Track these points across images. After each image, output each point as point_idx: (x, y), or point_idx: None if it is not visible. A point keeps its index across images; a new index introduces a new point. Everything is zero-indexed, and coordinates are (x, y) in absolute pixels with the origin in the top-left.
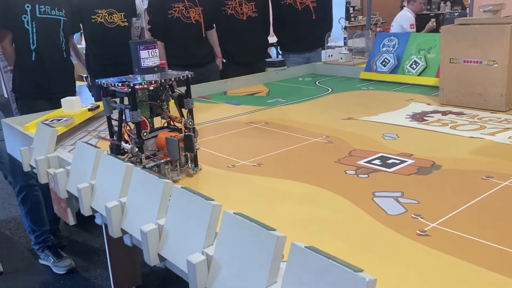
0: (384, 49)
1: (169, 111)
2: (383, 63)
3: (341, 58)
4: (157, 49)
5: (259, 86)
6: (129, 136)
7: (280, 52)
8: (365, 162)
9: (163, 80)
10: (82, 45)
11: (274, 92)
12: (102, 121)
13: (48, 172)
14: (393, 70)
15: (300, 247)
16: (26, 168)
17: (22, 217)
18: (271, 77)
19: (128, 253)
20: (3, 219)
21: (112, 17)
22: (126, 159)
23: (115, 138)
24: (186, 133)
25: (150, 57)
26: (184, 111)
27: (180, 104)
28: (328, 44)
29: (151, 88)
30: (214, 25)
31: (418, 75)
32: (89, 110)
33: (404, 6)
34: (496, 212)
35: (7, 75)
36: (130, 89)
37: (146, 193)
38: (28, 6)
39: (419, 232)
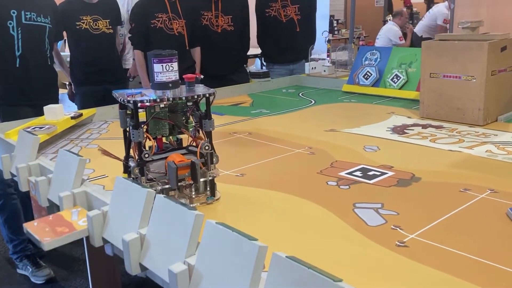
0: (367, 62)
1: (195, 131)
2: (365, 76)
3: (324, 71)
4: (175, 63)
5: (243, 96)
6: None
7: (264, 63)
8: (346, 174)
9: (171, 99)
10: (65, 52)
11: (258, 103)
12: (84, 129)
13: (29, 180)
14: (375, 83)
15: (281, 257)
16: (7, 176)
17: (0, 226)
18: (255, 88)
19: (108, 263)
20: None
21: (97, 24)
22: (131, 179)
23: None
24: (192, 160)
25: (165, 71)
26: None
27: (200, 125)
28: (312, 57)
29: (162, 105)
30: (199, 42)
31: (399, 89)
32: (72, 118)
33: (387, 20)
34: (473, 224)
35: None
36: (132, 105)
37: (128, 202)
38: (13, 12)
39: (398, 243)
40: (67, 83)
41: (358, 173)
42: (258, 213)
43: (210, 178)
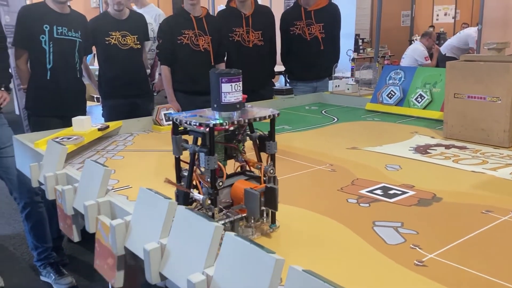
0: (391, 81)
1: (245, 153)
2: (389, 95)
3: (348, 89)
4: (241, 82)
5: None
6: (199, 182)
7: (288, 80)
8: (367, 192)
9: (246, 120)
10: (94, 66)
11: (280, 119)
12: (111, 141)
13: (56, 188)
14: (399, 103)
15: (297, 270)
16: (35, 184)
17: (26, 233)
18: (278, 105)
19: (129, 272)
20: (7, 234)
21: (126, 39)
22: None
23: (183, 183)
24: (268, 185)
25: (233, 91)
26: (264, 155)
27: (260, 147)
28: (335, 75)
29: (231, 128)
30: (224, 58)
31: (423, 109)
32: (99, 130)
33: (414, 40)
34: (494, 246)
35: (20, 93)
36: (208, 130)
37: (151, 213)
38: (46, 27)
39: (416, 262)
40: (95, 96)
41: (378, 192)
42: (276, 228)
43: (277, 203)
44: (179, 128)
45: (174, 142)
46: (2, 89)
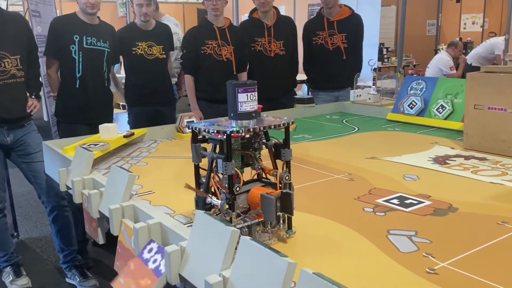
0: (412, 92)
1: (261, 161)
2: (410, 106)
3: (369, 99)
4: (256, 92)
5: None
6: (218, 188)
7: (310, 89)
8: (383, 201)
9: (261, 128)
10: (121, 75)
11: (301, 128)
12: (135, 147)
13: (83, 192)
14: (420, 113)
15: (308, 273)
16: (63, 188)
17: (52, 236)
18: (299, 114)
19: None
20: (35, 237)
21: (152, 49)
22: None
23: (202, 190)
24: (284, 191)
25: (249, 101)
26: (279, 163)
27: (275, 155)
28: (357, 84)
29: (247, 136)
30: (246, 68)
31: (444, 119)
32: (124, 136)
33: (439, 50)
34: (508, 257)
35: (49, 100)
36: (225, 137)
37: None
38: (76, 37)
39: (428, 270)
40: (121, 104)
41: (395, 201)
42: (293, 233)
43: (293, 208)
44: (198, 137)
45: (194, 150)
46: (33, 97)
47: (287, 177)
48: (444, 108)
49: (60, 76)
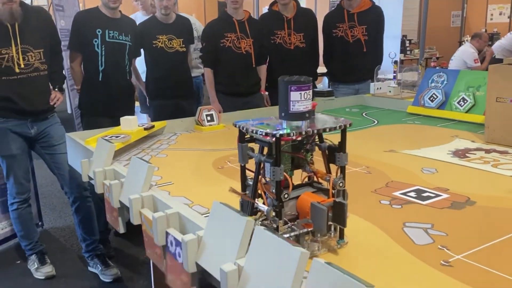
0: (433, 84)
1: (313, 164)
2: (431, 99)
3: (390, 91)
4: (311, 91)
5: None
6: (264, 193)
7: (330, 82)
8: (400, 194)
9: (315, 131)
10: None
11: None
12: (155, 139)
13: (104, 183)
14: (441, 106)
15: (320, 262)
16: (85, 179)
17: (75, 226)
18: (319, 107)
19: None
20: (59, 227)
21: (172, 43)
22: (259, 221)
23: (248, 193)
24: (337, 200)
25: (302, 100)
26: (333, 166)
27: (329, 158)
28: (378, 77)
29: (299, 139)
30: (266, 60)
31: (466, 112)
32: (145, 129)
33: (464, 41)
34: None
35: (73, 93)
36: (274, 140)
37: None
38: (99, 31)
39: (443, 262)
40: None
41: (412, 194)
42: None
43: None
44: (246, 136)
45: (240, 150)
46: (56, 89)
47: (341, 184)
48: (465, 101)
49: (83, 70)
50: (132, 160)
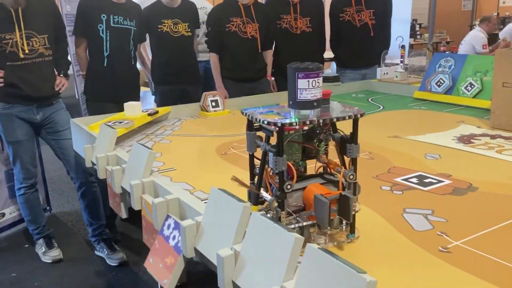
0: (440, 69)
1: (326, 155)
2: (438, 84)
3: (396, 77)
4: (320, 78)
5: None
6: (269, 183)
7: (337, 67)
8: (402, 180)
9: (320, 120)
10: None
11: None
12: (160, 125)
13: (107, 169)
14: (448, 91)
15: (314, 248)
16: (88, 164)
17: (82, 210)
18: None
19: None
20: (67, 211)
21: (177, 27)
22: (263, 210)
23: (254, 182)
24: (343, 193)
25: (311, 88)
26: (346, 159)
27: (341, 150)
28: (385, 62)
29: (305, 128)
30: (272, 45)
31: (473, 98)
32: (149, 115)
33: (475, 25)
34: None
35: (79, 78)
36: (277, 129)
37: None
38: (103, 16)
39: (441, 249)
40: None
41: (414, 180)
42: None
43: (352, 213)
44: (254, 125)
45: (248, 139)
46: (61, 75)
47: (351, 176)
48: (472, 86)
49: (88, 55)
50: (133, 146)
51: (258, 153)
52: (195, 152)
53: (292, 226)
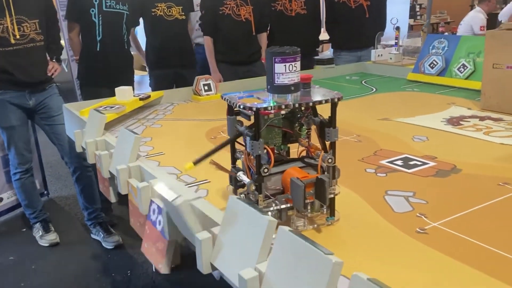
0: (434, 51)
1: (308, 140)
2: (431, 65)
3: (391, 58)
4: (298, 62)
5: None
6: (248, 167)
7: (332, 49)
8: (387, 162)
9: (296, 105)
10: None
11: None
12: (152, 110)
13: (96, 153)
14: (441, 73)
15: (285, 230)
16: (79, 149)
17: (77, 194)
18: (319, 74)
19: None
20: (64, 195)
21: (171, 11)
22: (242, 194)
23: (236, 166)
24: (319, 177)
25: (287, 72)
26: (327, 144)
27: (321, 134)
28: (382, 43)
29: (282, 113)
30: (267, 28)
31: (465, 79)
32: (140, 99)
33: (475, 5)
34: (502, 218)
35: (73, 63)
36: (253, 113)
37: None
38: (96, 1)
39: (418, 230)
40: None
41: (399, 162)
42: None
43: (331, 196)
44: (235, 109)
45: (228, 123)
46: (54, 60)
47: (330, 160)
48: (465, 68)
49: (81, 40)
50: (120, 131)
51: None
52: (185, 137)
53: (271, 208)
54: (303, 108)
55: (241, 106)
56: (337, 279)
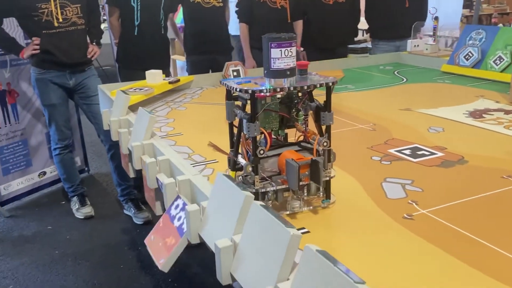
0: (470, 42)
1: (305, 124)
2: (466, 57)
3: (426, 49)
4: (294, 48)
5: (336, 71)
6: (246, 150)
7: (371, 39)
8: (395, 151)
9: (292, 88)
10: None
11: (348, 78)
12: (181, 93)
13: (118, 131)
14: (476, 65)
15: (256, 205)
16: (105, 127)
17: (111, 172)
18: (352, 63)
19: None
20: (103, 172)
21: None
22: (240, 177)
23: (234, 150)
24: (314, 158)
25: (283, 57)
26: (324, 128)
27: (317, 118)
28: (424, 33)
29: (278, 96)
30: (303, 16)
31: (501, 72)
32: (170, 83)
33: None
34: (494, 209)
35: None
36: (249, 96)
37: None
38: None
39: (405, 216)
40: None
41: (407, 151)
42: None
43: (326, 178)
44: (233, 94)
45: (227, 107)
46: (94, 43)
47: (325, 143)
48: (501, 60)
49: (120, 24)
50: (138, 111)
51: None
52: (205, 120)
53: (267, 189)
54: (300, 94)
55: (238, 90)
56: (295, 250)
